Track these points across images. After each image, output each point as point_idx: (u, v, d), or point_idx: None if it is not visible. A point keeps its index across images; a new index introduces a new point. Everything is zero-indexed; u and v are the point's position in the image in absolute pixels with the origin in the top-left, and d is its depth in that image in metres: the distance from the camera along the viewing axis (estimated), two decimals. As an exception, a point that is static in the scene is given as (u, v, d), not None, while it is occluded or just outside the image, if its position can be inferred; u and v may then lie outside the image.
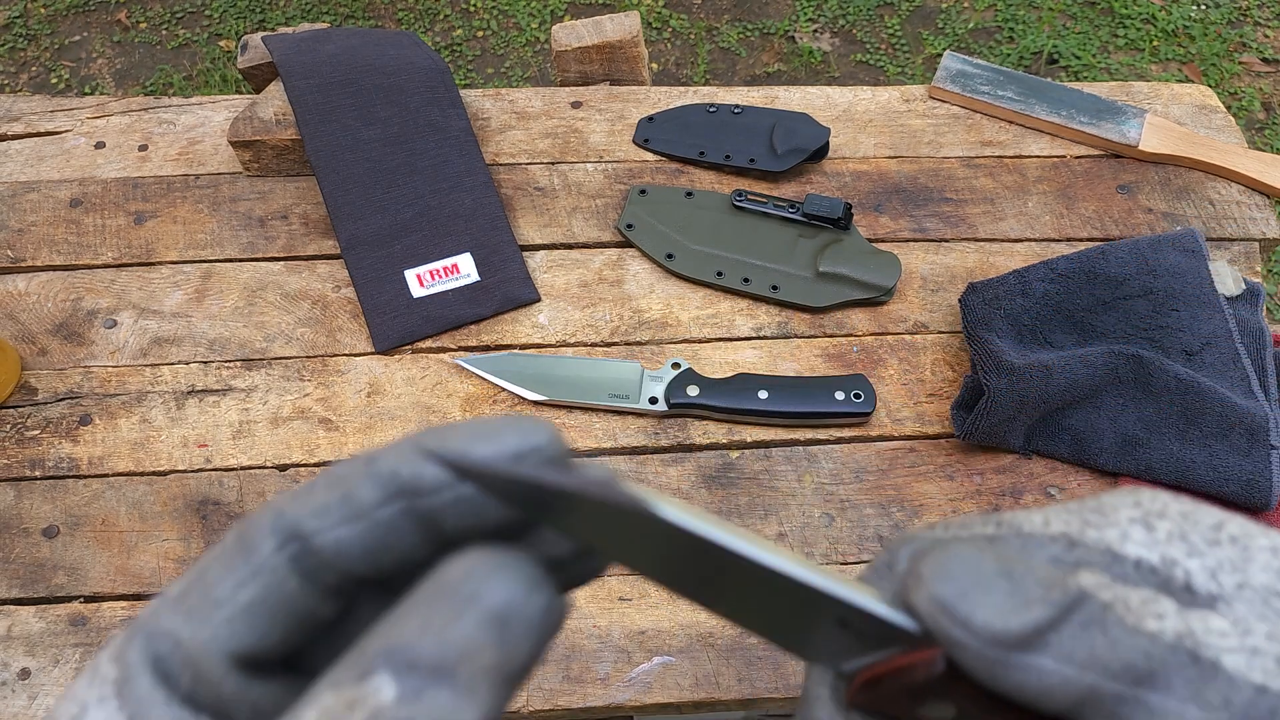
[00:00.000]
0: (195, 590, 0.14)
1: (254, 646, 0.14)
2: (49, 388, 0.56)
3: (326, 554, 0.14)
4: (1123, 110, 0.66)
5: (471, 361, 0.56)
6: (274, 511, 0.15)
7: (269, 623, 0.14)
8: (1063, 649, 0.12)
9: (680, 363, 0.55)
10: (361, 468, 0.14)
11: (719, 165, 0.64)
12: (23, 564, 0.50)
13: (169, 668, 0.14)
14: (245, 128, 0.61)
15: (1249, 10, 1.56)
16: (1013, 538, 0.14)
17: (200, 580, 0.14)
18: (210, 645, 0.14)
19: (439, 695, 0.12)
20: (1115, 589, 0.12)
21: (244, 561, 0.14)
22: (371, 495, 0.14)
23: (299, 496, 0.15)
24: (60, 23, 1.59)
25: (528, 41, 1.56)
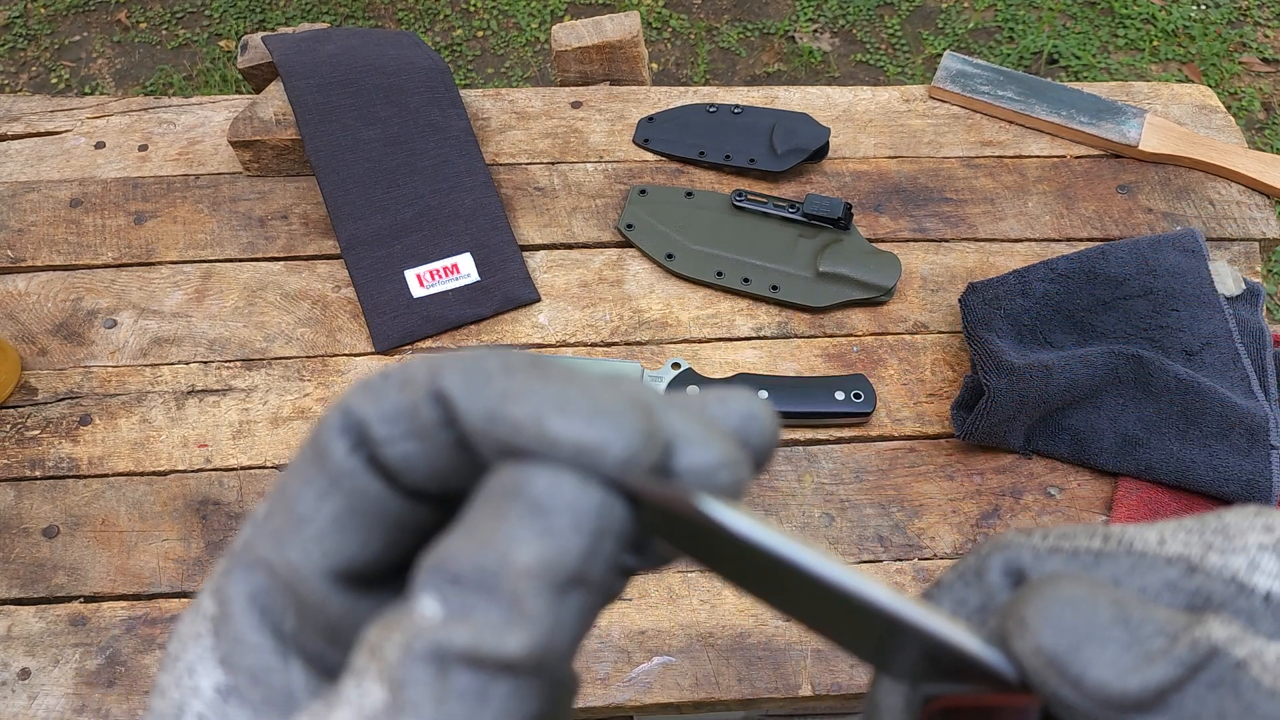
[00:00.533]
0: (279, 510, 0.13)
1: (354, 559, 0.13)
2: (49, 388, 0.56)
3: (395, 466, 0.13)
4: (1123, 110, 0.66)
5: None
6: (341, 410, 0.13)
7: (364, 532, 0.13)
8: (1186, 711, 0.10)
9: (680, 363, 0.55)
10: (426, 377, 0.12)
11: (719, 165, 0.64)
12: (23, 564, 0.50)
13: (268, 601, 0.13)
14: (245, 128, 0.61)
15: (1249, 10, 1.56)
16: (1123, 555, 0.12)
17: (282, 498, 0.13)
18: (305, 568, 0.12)
19: (485, 610, 0.11)
20: (1251, 643, 0.11)
21: (318, 470, 0.13)
22: (431, 414, 0.12)
23: (367, 392, 0.13)
24: (60, 23, 1.59)
25: (528, 41, 1.56)
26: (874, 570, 0.51)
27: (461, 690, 0.11)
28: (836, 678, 0.47)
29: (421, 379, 0.12)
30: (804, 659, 0.48)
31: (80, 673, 0.47)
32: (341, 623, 0.13)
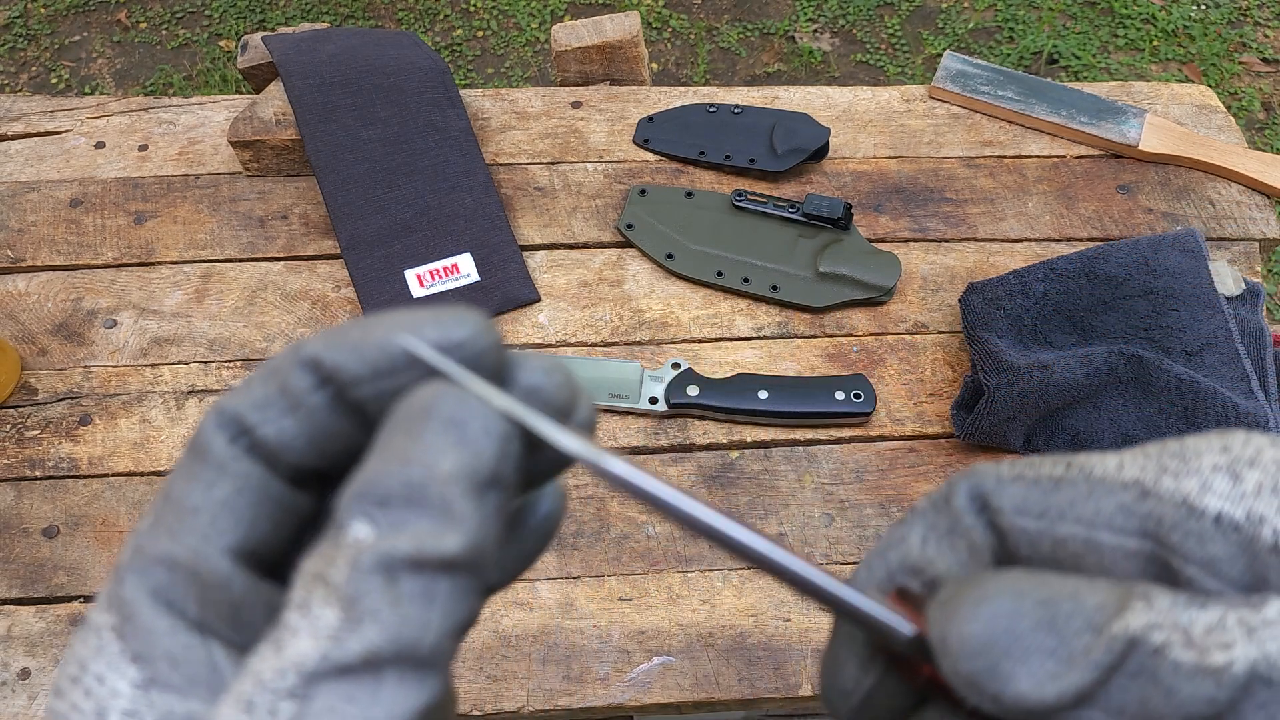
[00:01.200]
0: (166, 511, 0.14)
1: (247, 539, 0.14)
2: (49, 388, 0.56)
3: (273, 446, 0.14)
4: (1123, 110, 0.66)
5: None
6: (216, 410, 0.14)
7: (253, 513, 0.14)
8: (1112, 704, 0.11)
9: (680, 363, 0.55)
10: (291, 357, 0.14)
11: (719, 165, 0.64)
12: (23, 564, 0.50)
13: (171, 595, 0.13)
14: (245, 128, 0.61)
15: (1249, 10, 1.56)
16: (1081, 481, 0.12)
17: (167, 501, 0.14)
18: (204, 549, 0.13)
19: (416, 522, 0.12)
20: (1175, 619, 0.11)
21: (203, 465, 0.14)
22: (302, 383, 0.13)
23: (238, 391, 0.14)
24: (60, 23, 1.59)
25: (528, 41, 1.56)
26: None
27: (411, 593, 0.11)
28: (836, 678, 0.47)
29: (283, 361, 0.14)
30: (804, 659, 0.48)
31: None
32: (245, 602, 0.13)
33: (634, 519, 0.52)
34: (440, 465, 0.12)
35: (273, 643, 0.12)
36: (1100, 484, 0.12)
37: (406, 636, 0.11)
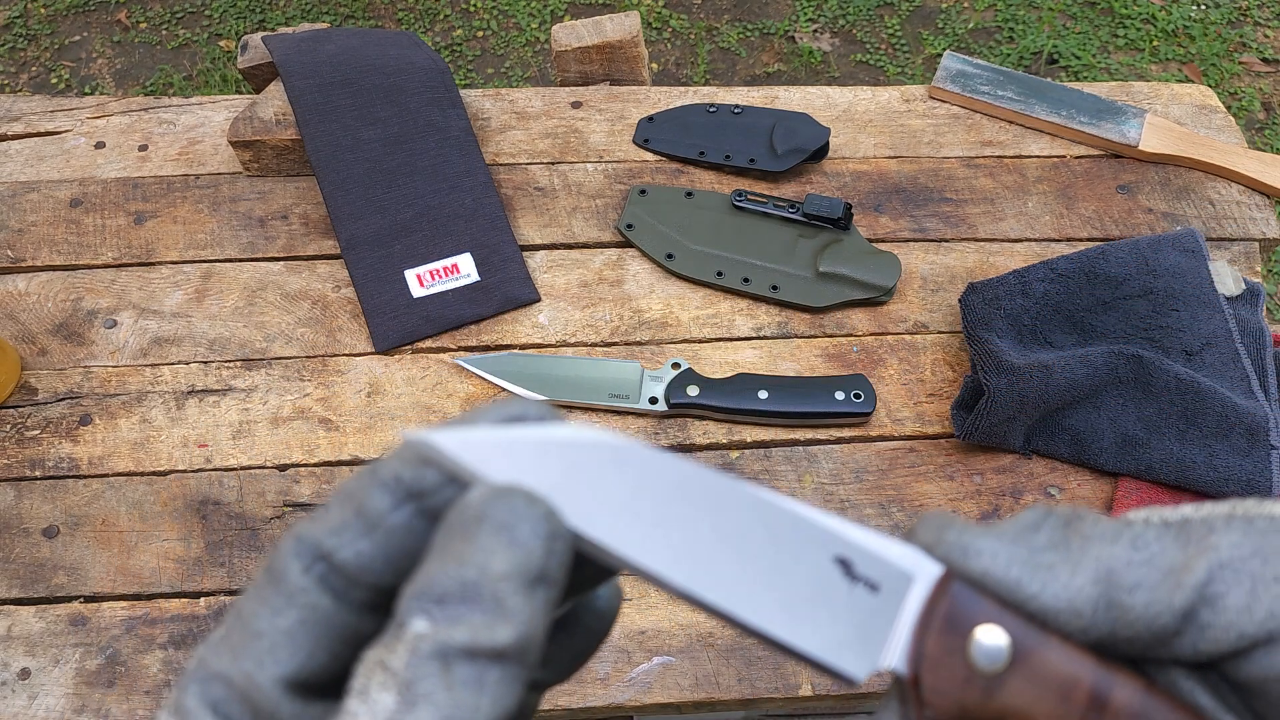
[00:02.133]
0: (235, 629, 0.15)
1: (301, 669, 0.15)
2: (49, 388, 0.56)
3: (351, 569, 0.15)
4: (1123, 110, 0.66)
5: (471, 361, 0.56)
6: (294, 537, 0.15)
7: (312, 644, 0.15)
8: None
9: (680, 363, 0.55)
10: (368, 479, 0.15)
11: (719, 165, 0.64)
12: (23, 564, 0.50)
13: (227, 710, 0.14)
14: (245, 128, 0.61)
15: (1249, 10, 1.56)
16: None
17: (238, 619, 0.15)
18: (259, 676, 0.14)
19: (470, 616, 0.13)
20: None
21: (275, 591, 0.15)
22: (381, 504, 0.15)
23: (316, 519, 0.15)
24: (60, 23, 1.59)
25: (528, 41, 1.56)
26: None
27: (464, 679, 0.13)
28: (836, 678, 0.47)
29: (360, 484, 0.15)
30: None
31: (80, 673, 0.47)
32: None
33: (634, 519, 0.52)
34: (493, 565, 0.13)
35: None
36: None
37: (457, 719, 0.13)
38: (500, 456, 0.15)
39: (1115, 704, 0.15)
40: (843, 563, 0.16)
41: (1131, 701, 0.15)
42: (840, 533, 0.16)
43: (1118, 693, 0.15)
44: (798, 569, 0.16)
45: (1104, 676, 0.15)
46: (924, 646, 0.15)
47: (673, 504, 0.15)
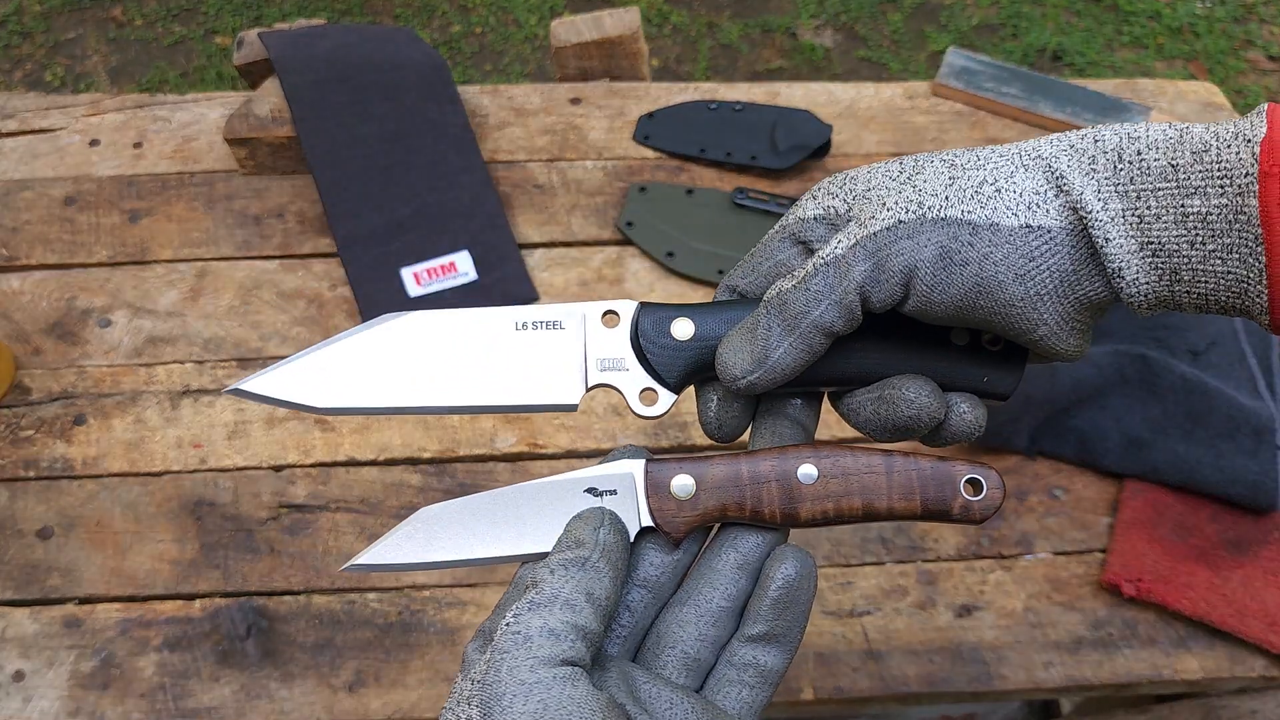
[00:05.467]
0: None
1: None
2: (43, 387, 0.55)
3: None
4: (1128, 107, 0.65)
5: None
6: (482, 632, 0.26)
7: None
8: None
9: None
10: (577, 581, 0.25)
11: (720, 163, 0.64)
12: (17, 565, 0.50)
13: None
14: (241, 125, 0.61)
15: (1254, 7, 1.55)
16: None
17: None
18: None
19: None
20: (787, 280, 0.26)
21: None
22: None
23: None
24: (55, 19, 1.58)
25: (526, 37, 1.55)
26: (877, 572, 0.50)
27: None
28: (838, 681, 0.47)
29: (569, 585, 0.24)
30: (806, 663, 0.47)
31: (74, 675, 0.47)
32: None
33: (634, 521, 0.51)
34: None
35: None
36: (775, 234, 0.28)
37: None
38: (389, 553, 0.28)
39: (763, 469, 0.26)
40: (590, 490, 0.27)
41: (772, 462, 0.26)
42: (583, 475, 0.27)
43: (762, 463, 0.26)
44: (567, 507, 0.27)
45: (752, 460, 0.26)
46: (651, 504, 0.27)
47: (472, 518, 0.27)
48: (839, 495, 0.26)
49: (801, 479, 0.26)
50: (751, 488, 0.26)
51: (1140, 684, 0.48)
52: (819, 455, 0.26)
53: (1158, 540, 0.49)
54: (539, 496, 0.27)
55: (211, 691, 0.47)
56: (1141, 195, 0.22)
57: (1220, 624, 0.47)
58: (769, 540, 0.26)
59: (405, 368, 0.27)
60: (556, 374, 0.28)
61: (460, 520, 0.27)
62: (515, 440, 0.54)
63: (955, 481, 0.26)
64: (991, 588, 0.50)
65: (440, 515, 0.27)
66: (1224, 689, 0.49)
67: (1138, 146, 0.22)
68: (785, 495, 0.26)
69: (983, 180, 0.23)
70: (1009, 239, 0.22)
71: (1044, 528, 0.51)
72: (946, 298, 0.23)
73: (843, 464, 0.26)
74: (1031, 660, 0.48)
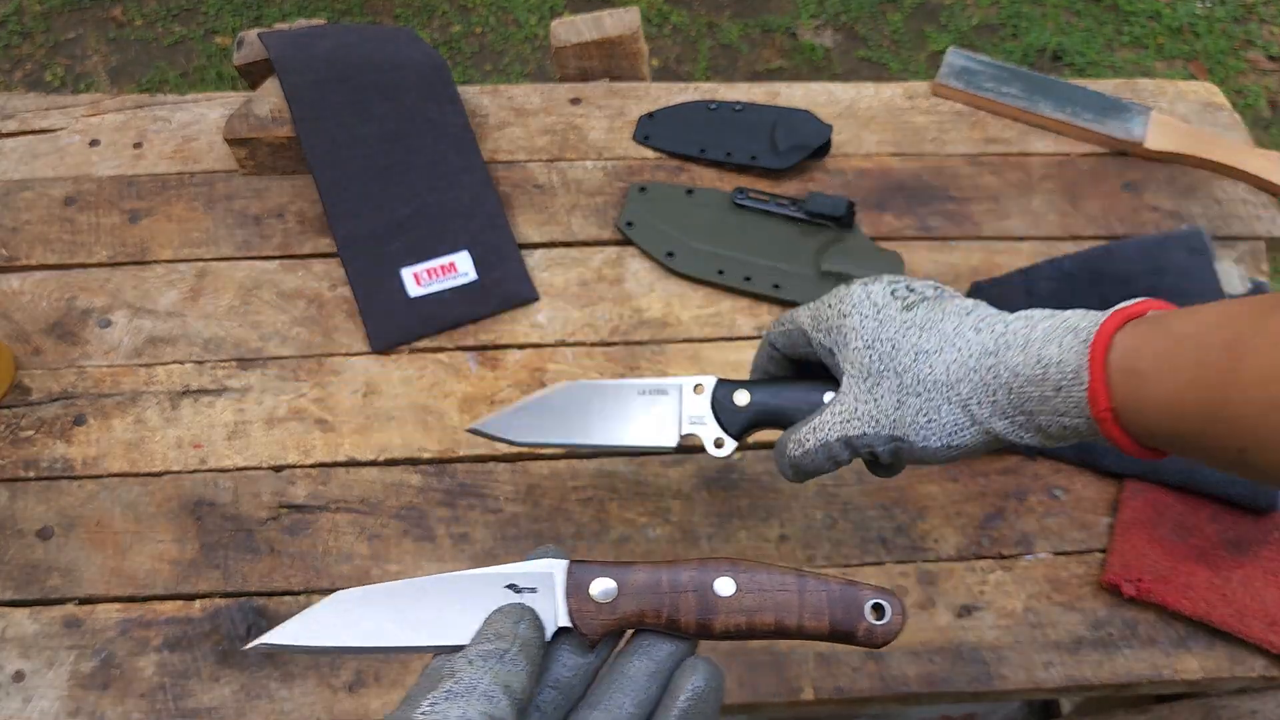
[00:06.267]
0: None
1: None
2: (43, 388, 0.55)
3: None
4: (1128, 107, 0.65)
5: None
6: None
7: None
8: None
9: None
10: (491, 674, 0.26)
11: (720, 163, 0.64)
12: (16, 565, 0.50)
13: None
14: (241, 125, 0.61)
15: (1255, 7, 1.55)
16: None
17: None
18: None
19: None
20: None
21: None
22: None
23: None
24: (55, 19, 1.58)
25: (526, 37, 1.55)
26: (877, 572, 0.50)
27: None
28: (839, 681, 0.47)
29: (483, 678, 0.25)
30: (806, 663, 0.47)
31: (75, 675, 0.47)
32: None
33: (633, 521, 0.51)
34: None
35: None
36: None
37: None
38: (303, 633, 0.27)
39: (684, 579, 0.27)
40: (511, 586, 0.27)
41: (692, 573, 0.27)
42: (506, 571, 0.28)
43: (683, 573, 0.27)
44: (487, 602, 0.27)
45: (672, 569, 0.27)
46: (570, 604, 0.27)
47: (393, 606, 0.27)
48: (753, 610, 0.27)
49: (718, 591, 0.27)
50: (670, 596, 0.27)
51: (1140, 684, 0.48)
52: (737, 570, 0.27)
53: (1158, 540, 0.49)
54: (460, 589, 0.27)
55: (211, 691, 0.47)
56: (1031, 414, 0.32)
57: (1220, 624, 0.47)
58: (681, 650, 0.27)
59: (569, 418, 0.42)
60: (662, 425, 0.41)
61: (379, 606, 0.27)
62: (515, 440, 0.54)
63: (861, 605, 0.27)
64: (991, 588, 0.50)
65: (359, 599, 0.27)
66: (1224, 689, 0.49)
67: (1020, 383, 0.32)
68: (702, 606, 0.27)
69: (919, 409, 0.34)
70: (936, 453, 0.34)
71: (1044, 528, 0.51)
72: (898, 462, 0.37)
73: (759, 580, 0.27)
74: (1031, 660, 0.48)
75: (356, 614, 0.27)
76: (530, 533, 0.51)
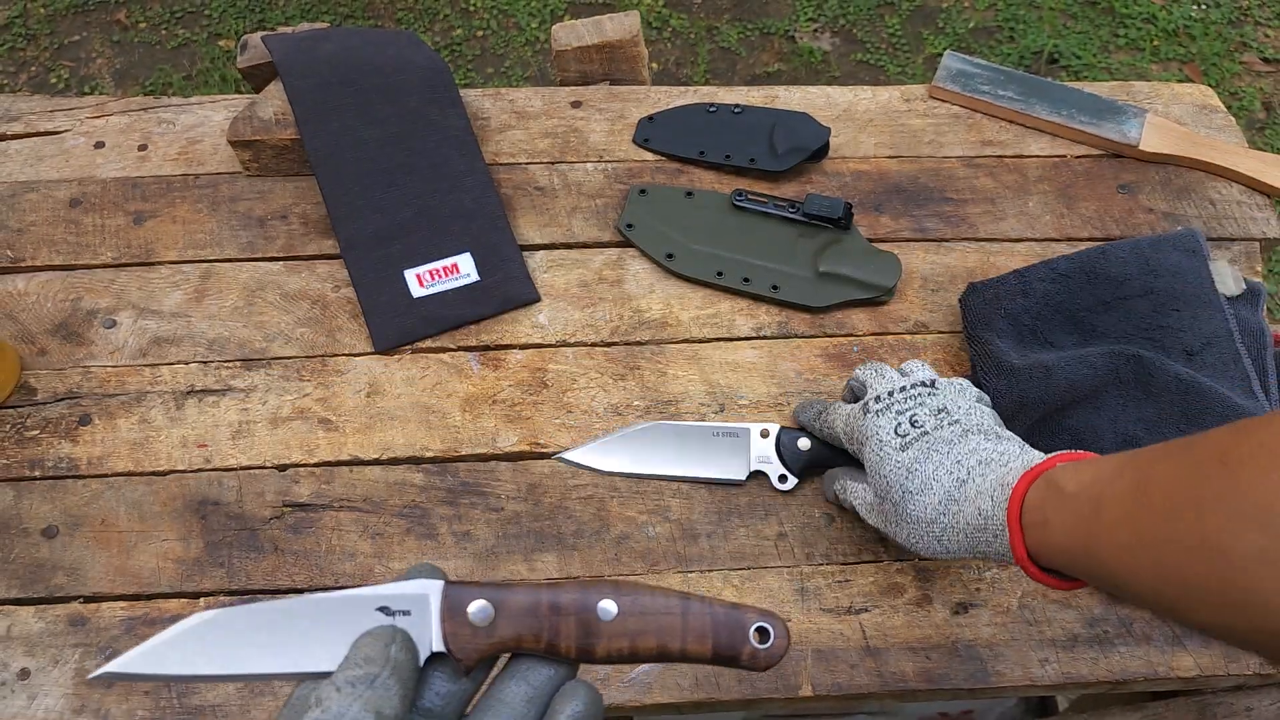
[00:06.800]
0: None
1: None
2: (48, 388, 0.56)
3: None
4: (1123, 110, 0.66)
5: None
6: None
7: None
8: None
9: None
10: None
11: (719, 165, 0.64)
12: (22, 564, 0.50)
13: None
14: (245, 127, 0.61)
15: (1249, 10, 1.56)
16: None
17: None
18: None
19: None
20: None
21: None
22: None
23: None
24: (59, 22, 1.59)
25: (527, 41, 1.56)
26: (874, 570, 0.50)
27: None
28: (837, 678, 0.47)
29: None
30: (804, 659, 0.48)
31: (80, 673, 0.47)
32: None
33: (634, 519, 0.52)
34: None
35: None
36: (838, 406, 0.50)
37: None
38: (152, 660, 0.25)
39: (564, 602, 0.26)
40: (383, 609, 0.26)
41: (573, 596, 0.26)
42: (377, 592, 0.26)
43: (563, 596, 0.26)
44: (356, 625, 0.25)
45: (553, 592, 0.26)
46: (445, 628, 0.26)
47: (254, 630, 0.25)
48: (635, 634, 0.26)
49: (600, 615, 0.26)
50: (550, 619, 0.26)
51: (1136, 681, 0.48)
52: (619, 592, 0.26)
53: (1153, 538, 0.50)
54: (327, 612, 0.26)
55: (216, 689, 0.47)
56: (984, 552, 0.39)
57: (1215, 621, 0.47)
58: (560, 674, 0.26)
59: (653, 451, 0.52)
60: (733, 462, 0.51)
61: (237, 630, 0.25)
62: (517, 440, 0.54)
63: (745, 629, 0.27)
64: (988, 585, 0.50)
65: (215, 622, 0.25)
66: (1219, 686, 0.50)
67: (971, 530, 0.39)
68: (583, 630, 0.26)
69: (908, 534, 0.43)
70: (930, 556, 0.43)
71: (1040, 526, 0.52)
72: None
73: (641, 602, 0.26)
74: (1027, 657, 0.48)
75: (212, 639, 0.25)
76: (531, 530, 0.51)
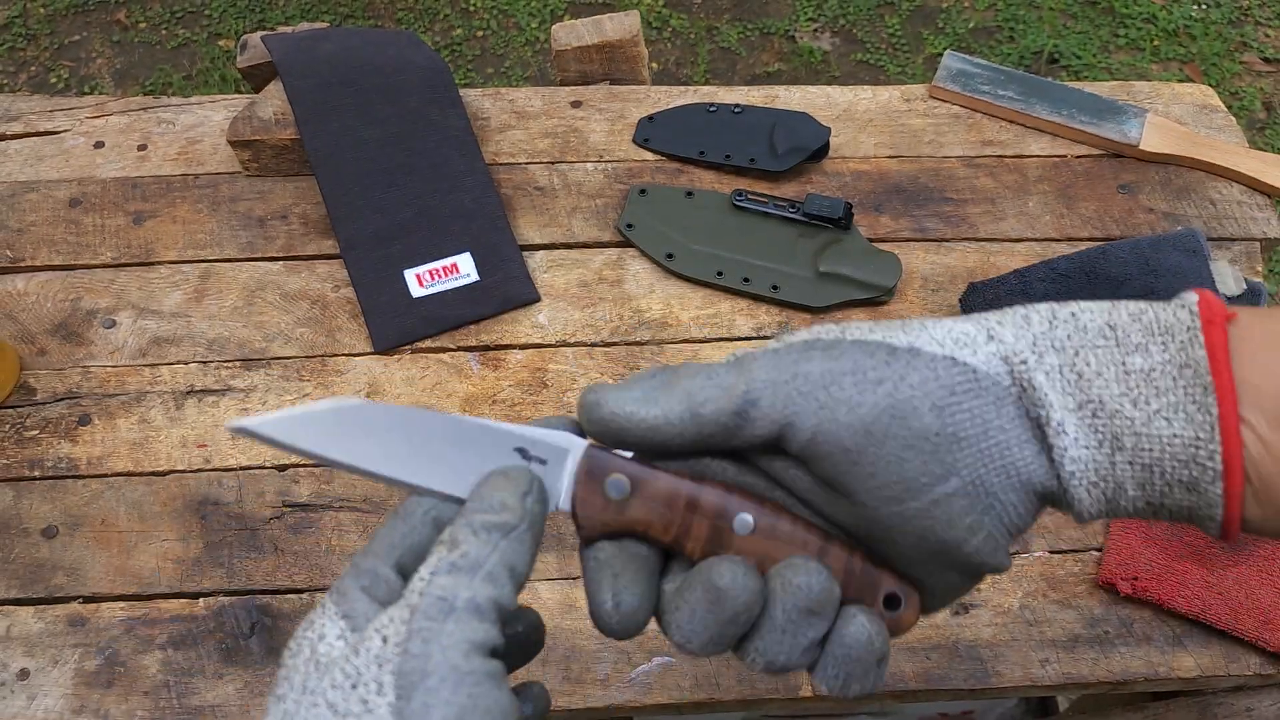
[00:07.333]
0: (371, 543, 0.24)
1: (401, 560, 0.25)
2: (48, 388, 0.56)
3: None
4: (1123, 110, 0.66)
5: None
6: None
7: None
8: None
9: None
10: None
11: (719, 165, 0.64)
12: (22, 564, 0.50)
13: (368, 586, 0.23)
14: (244, 127, 0.61)
15: (1250, 10, 1.56)
16: None
17: (374, 538, 0.25)
18: (381, 564, 0.24)
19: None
20: None
21: (396, 518, 0.25)
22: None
23: None
24: (59, 22, 1.59)
25: (527, 41, 1.56)
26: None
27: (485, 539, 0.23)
28: (837, 678, 0.47)
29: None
30: (804, 660, 0.48)
31: (79, 673, 0.47)
32: (398, 589, 0.23)
33: (634, 519, 0.52)
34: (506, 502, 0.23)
35: (426, 563, 0.22)
36: None
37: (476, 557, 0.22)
38: (292, 429, 0.23)
39: (703, 502, 0.24)
40: (520, 450, 0.24)
41: (714, 499, 0.24)
42: (518, 431, 0.25)
43: (704, 495, 0.24)
44: (491, 458, 0.24)
45: (695, 488, 0.24)
46: (576, 491, 0.24)
47: (393, 431, 0.24)
48: (763, 556, 0.23)
49: (736, 527, 0.23)
50: (685, 515, 0.24)
51: (1136, 681, 0.48)
52: (762, 510, 0.24)
53: (1153, 539, 0.50)
54: (464, 435, 0.24)
55: (216, 689, 0.47)
56: (1080, 351, 0.21)
57: (1215, 622, 0.47)
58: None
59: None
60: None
61: (375, 425, 0.24)
62: (516, 440, 0.54)
63: (876, 590, 0.24)
64: (988, 586, 0.50)
65: (357, 410, 0.24)
66: (1219, 686, 0.50)
67: (1071, 310, 0.22)
68: (714, 535, 0.24)
69: (912, 322, 0.23)
70: (929, 364, 0.21)
71: (1040, 526, 0.52)
72: (855, 419, 0.21)
73: (781, 527, 0.23)
74: (1028, 658, 0.48)
75: (349, 425, 0.23)
76: (531, 531, 0.51)
